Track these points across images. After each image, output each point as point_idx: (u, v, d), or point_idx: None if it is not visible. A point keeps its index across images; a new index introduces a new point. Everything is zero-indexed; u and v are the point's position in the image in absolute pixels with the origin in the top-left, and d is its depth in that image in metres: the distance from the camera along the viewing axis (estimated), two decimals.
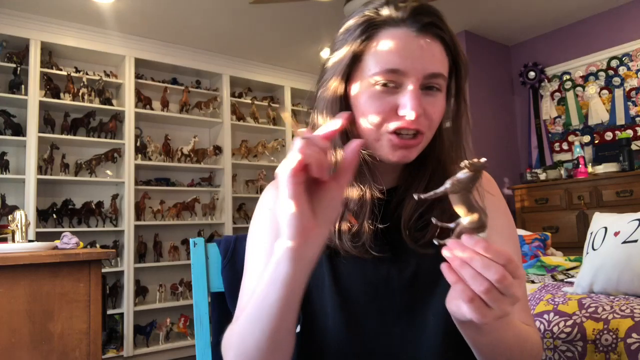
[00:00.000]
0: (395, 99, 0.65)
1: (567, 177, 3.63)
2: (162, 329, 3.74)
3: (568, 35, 4.05)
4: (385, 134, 0.66)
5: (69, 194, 3.66)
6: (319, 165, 0.45)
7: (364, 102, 0.66)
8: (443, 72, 0.66)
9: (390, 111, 0.65)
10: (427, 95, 0.66)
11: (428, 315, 0.67)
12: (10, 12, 3.34)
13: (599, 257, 1.41)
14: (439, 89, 0.67)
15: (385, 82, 0.64)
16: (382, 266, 0.69)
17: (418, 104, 0.63)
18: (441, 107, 0.68)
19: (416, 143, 0.66)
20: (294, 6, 3.26)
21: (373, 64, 0.65)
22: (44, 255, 1.63)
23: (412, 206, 0.69)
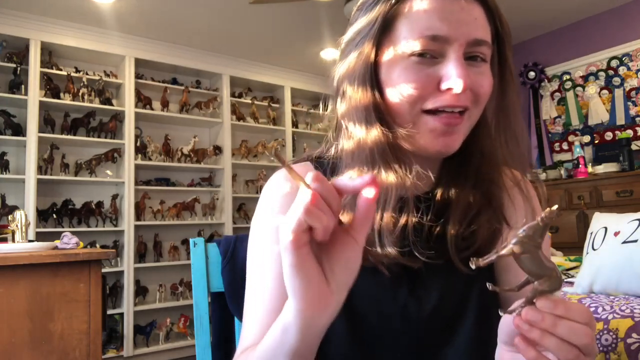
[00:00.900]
0: (436, 70, 0.54)
1: (567, 177, 3.63)
2: (162, 329, 3.74)
3: (568, 35, 4.05)
4: (423, 115, 0.56)
5: (69, 194, 3.66)
6: (326, 230, 0.37)
7: (398, 76, 0.56)
8: (488, 39, 0.57)
9: (429, 85, 0.54)
10: (471, 67, 0.55)
11: (448, 354, 0.59)
12: (10, 12, 3.34)
13: (599, 257, 1.41)
14: (484, 60, 0.57)
15: (423, 51, 0.54)
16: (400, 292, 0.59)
17: (465, 73, 0.53)
18: (489, 79, 0.57)
19: (461, 122, 0.55)
20: (294, 6, 3.26)
21: (407, 29, 0.55)
22: (44, 255, 1.63)
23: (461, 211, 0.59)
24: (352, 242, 0.39)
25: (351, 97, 0.59)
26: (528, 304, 0.40)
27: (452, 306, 0.59)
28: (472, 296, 0.59)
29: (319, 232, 0.37)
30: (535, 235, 0.39)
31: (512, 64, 0.61)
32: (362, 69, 0.58)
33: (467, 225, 0.59)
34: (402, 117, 0.57)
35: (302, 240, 0.37)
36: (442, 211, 0.60)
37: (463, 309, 0.58)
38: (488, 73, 0.57)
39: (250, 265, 0.64)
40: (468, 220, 0.59)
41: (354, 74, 0.59)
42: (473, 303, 0.59)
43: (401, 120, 0.57)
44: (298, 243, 0.37)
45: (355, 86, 0.59)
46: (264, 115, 4.73)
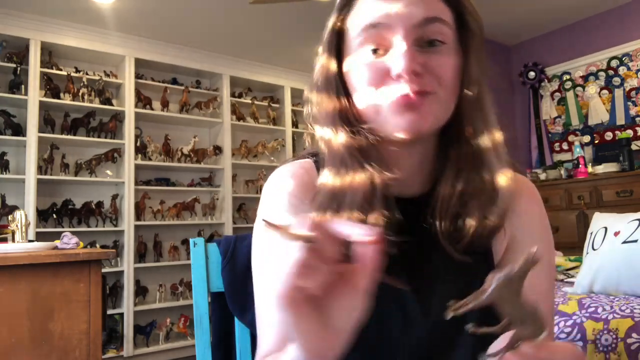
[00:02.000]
0: (386, 62, 0.54)
1: (567, 177, 3.63)
2: (162, 329, 3.74)
3: (568, 35, 4.05)
4: (384, 104, 0.55)
5: (69, 194, 3.66)
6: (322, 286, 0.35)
7: (355, 76, 0.57)
8: (440, 15, 0.54)
9: (383, 78, 0.54)
10: (427, 52, 0.54)
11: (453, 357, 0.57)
12: (10, 12, 3.34)
13: (599, 257, 1.41)
14: (444, 41, 0.54)
15: (372, 47, 0.54)
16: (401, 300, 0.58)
17: (410, 57, 0.52)
18: (450, 61, 0.55)
19: (422, 100, 0.53)
20: (294, 6, 3.26)
21: (354, 29, 0.56)
22: (44, 255, 1.63)
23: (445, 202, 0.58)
24: (354, 292, 0.36)
25: (316, 104, 0.61)
26: (509, 349, 0.38)
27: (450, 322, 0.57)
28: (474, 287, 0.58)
29: (314, 290, 0.35)
30: (515, 280, 0.37)
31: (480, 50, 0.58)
32: (324, 80, 0.60)
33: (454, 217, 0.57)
34: (369, 114, 0.57)
35: (295, 299, 0.34)
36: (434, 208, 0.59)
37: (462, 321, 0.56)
38: (449, 53, 0.55)
39: (258, 267, 0.62)
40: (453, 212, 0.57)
41: (317, 84, 0.61)
42: None
43: (369, 117, 0.57)
44: (291, 303, 0.34)
45: (319, 95, 0.61)
46: (264, 115, 4.73)
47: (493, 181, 0.58)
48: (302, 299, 0.35)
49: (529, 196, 0.64)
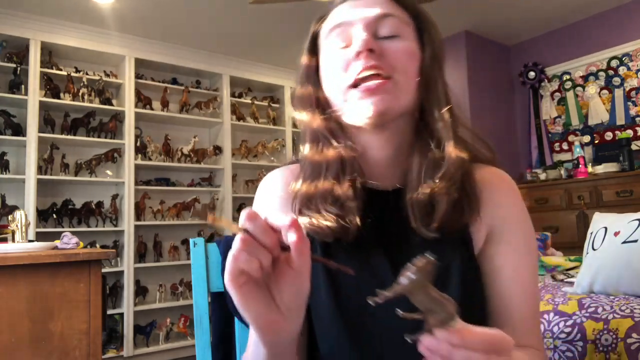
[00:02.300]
0: (349, 51, 0.62)
1: (567, 177, 3.63)
2: (162, 329, 3.74)
3: (568, 35, 4.05)
4: (348, 90, 0.62)
5: (69, 194, 3.66)
6: (262, 269, 0.41)
7: (325, 67, 0.66)
8: (392, 12, 0.63)
9: (347, 65, 0.62)
10: (385, 41, 0.62)
11: None
12: (10, 12, 3.34)
13: (599, 257, 1.41)
14: (399, 34, 0.63)
15: (337, 40, 0.64)
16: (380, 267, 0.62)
17: (366, 40, 0.60)
18: (405, 49, 0.62)
19: (382, 85, 0.59)
20: (294, 6, 3.26)
21: (325, 31, 0.67)
22: (44, 255, 1.63)
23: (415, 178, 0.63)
24: (294, 272, 0.42)
25: (298, 95, 0.70)
26: (428, 332, 0.43)
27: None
28: (453, 269, 0.61)
29: (252, 273, 0.41)
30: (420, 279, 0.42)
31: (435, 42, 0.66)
32: (303, 74, 0.70)
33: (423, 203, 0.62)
34: (336, 100, 0.64)
35: (239, 281, 0.41)
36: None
37: (445, 281, 0.60)
38: (403, 44, 0.63)
39: None
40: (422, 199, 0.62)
41: (300, 79, 0.70)
42: (455, 276, 0.61)
43: (338, 103, 0.64)
44: (236, 284, 0.41)
45: (299, 86, 0.70)
46: (264, 115, 4.73)
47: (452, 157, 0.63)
48: (246, 281, 0.41)
49: (506, 188, 0.69)
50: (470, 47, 4.08)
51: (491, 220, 0.66)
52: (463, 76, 4.04)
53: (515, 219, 0.68)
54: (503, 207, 0.67)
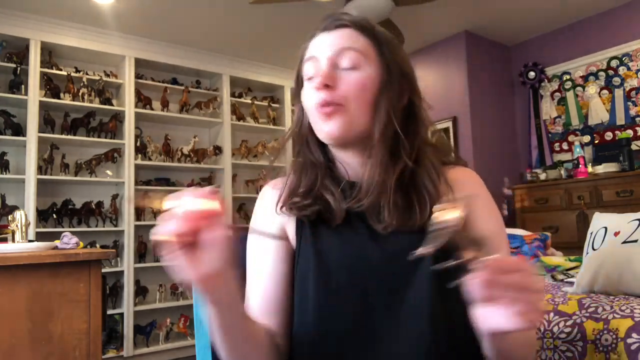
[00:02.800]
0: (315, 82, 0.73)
1: (567, 177, 3.63)
2: (162, 329, 3.74)
3: (568, 35, 4.05)
4: (314, 113, 0.74)
5: (69, 194, 3.66)
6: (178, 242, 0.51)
7: (304, 99, 0.77)
8: (353, 45, 0.73)
9: (313, 92, 0.73)
10: (343, 74, 0.73)
11: (410, 294, 0.69)
12: (10, 12, 3.34)
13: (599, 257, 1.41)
14: (357, 67, 0.73)
15: (308, 74, 0.75)
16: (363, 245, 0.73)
17: (323, 74, 0.72)
18: (358, 81, 0.72)
19: (332, 111, 0.71)
20: (294, 6, 3.26)
21: (302, 63, 0.78)
22: (44, 255, 1.63)
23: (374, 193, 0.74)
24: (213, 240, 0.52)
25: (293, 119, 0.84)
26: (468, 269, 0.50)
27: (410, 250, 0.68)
28: None
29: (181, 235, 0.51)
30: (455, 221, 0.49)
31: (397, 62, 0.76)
32: (293, 93, 0.83)
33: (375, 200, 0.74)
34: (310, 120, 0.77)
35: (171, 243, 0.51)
36: None
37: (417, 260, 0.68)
38: (360, 73, 0.73)
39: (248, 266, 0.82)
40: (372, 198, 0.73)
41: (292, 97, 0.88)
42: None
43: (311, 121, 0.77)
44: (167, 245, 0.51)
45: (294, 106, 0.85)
46: (264, 115, 4.73)
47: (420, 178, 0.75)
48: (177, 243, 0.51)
49: (473, 182, 0.81)
50: (470, 47, 4.08)
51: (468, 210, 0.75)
52: (463, 76, 4.04)
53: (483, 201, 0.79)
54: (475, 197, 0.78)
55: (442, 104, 4.10)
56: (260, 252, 0.81)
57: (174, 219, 0.51)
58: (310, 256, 0.75)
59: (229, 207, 0.55)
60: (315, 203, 0.76)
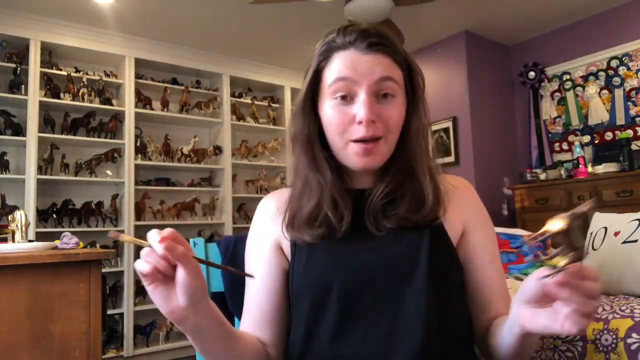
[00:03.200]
0: (351, 108, 0.73)
1: (567, 177, 3.63)
2: (162, 329, 3.74)
3: (568, 35, 4.05)
4: (349, 142, 0.74)
5: (69, 194, 3.66)
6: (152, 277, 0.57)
7: (327, 114, 0.76)
8: (392, 75, 0.74)
9: (349, 121, 0.73)
10: (381, 103, 0.74)
11: (406, 294, 0.70)
12: (10, 12, 3.34)
13: (599, 257, 1.41)
14: (394, 95, 0.74)
15: (341, 93, 0.74)
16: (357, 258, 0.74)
17: (369, 109, 0.71)
18: (397, 111, 0.75)
19: (374, 147, 0.73)
20: (294, 6, 3.26)
21: (329, 76, 0.75)
22: (44, 255, 1.63)
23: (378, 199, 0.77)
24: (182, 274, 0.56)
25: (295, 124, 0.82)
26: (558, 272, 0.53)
27: (406, 255, 0.73)
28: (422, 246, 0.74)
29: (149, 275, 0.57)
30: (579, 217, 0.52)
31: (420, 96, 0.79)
32: (302, 108, 0.80)
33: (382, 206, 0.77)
34: (336, 145, 0.77)
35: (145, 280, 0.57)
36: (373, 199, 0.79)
37: (416, 257, 0.72)
38: (397, 105, 0.75)
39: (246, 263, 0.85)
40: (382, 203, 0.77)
41: (298, 111, 0.81)
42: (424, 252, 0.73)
43: (336, 147, 0.77)
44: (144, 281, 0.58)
45: (297, 118, 0.81)
46: (264, 115, 4.73)
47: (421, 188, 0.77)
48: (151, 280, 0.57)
49: (470, 191, 0.86)
50: (470, 47, 4.08)
51: (465, 217, 0.82)
52: (463, 76, 4.04)
53: (482, 214, 0.85)
54: (471, 206, 0.84)
55: (442, 104, 4.10)
56: (255, 264, 0.82)
57: (146, 257, 0.55)
58: (305, 273, 0.76)
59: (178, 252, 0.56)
60: (320, 226, 0.76)
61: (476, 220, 0.83)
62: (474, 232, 0.81)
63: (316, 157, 0.79)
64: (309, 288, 0.74)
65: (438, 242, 0.76)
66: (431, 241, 0.74)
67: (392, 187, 0.77)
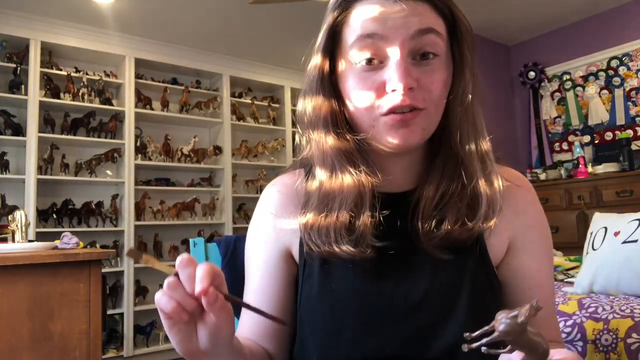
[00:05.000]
0: (381, 75, 0.56)
1: (567, 177, 3.63)
2: (162, 329, 3.74)
3: (568, 35, 4.05)
4: (379, 117, 0.57)
5: (69, 194, 3.66)
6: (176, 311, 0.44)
7: (350, 85, 0.59)
8: (434, 26, 0.56)
9: (378, 90, 0.57)
10: (420, 65, 0.56)
11: (440, 343, 0.57)
12: (10, 12, 3.34)
13: (599, 257, 1.41)
14: (436, 54, 0.57)
15: (367, 55, 0.56)
16: (385, 285, 0.59)
17: (405, 73, 0.54)
18: (441, 75, 0.58)
19: (414, 117, 0.56)
20: (294, 6, 3.26)
21: (350, 35, 0.58)
22: (44, 255, 1.63)
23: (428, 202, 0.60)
24: (213, 320, 0.45)
25: (310, 107, 0.63)
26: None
27: (442, 297, 0.59)
28: (463, 286, 0.59)
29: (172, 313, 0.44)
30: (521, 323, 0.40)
31: (469, 59, 0.61)
32: (317, 81, 0.62)
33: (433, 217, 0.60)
34: (363, 123, 0.59)
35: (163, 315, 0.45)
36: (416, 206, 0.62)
37: (454, 300, 0.58)
38: (440, 67, 0.58)
39: (246, 267, 0.71)
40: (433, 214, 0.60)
41: (310, 85, 0.63)
42: (464, 293, 0.58)
43: (363, 125, 0.60)
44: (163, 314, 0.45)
45: (312, 97, 0.63)
46: (264, 115, 4.73)
47: (475, 188, 0.60)
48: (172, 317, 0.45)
49: (525, 192, 0.67)
50: None
51: (513, 229, 0.64)
52: None
53: (537, 226, 0.66)
54: (524, 214, 0.65)
55: None
56: (256, 271, 0.67)
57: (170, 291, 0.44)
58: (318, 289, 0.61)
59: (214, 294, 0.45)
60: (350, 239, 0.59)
61: (525, 235, 0.64)
62: (521, 251, 0.63)
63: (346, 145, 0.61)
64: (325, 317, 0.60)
65: (482, 270, 0.61)
66: (474, 271, 0.59)
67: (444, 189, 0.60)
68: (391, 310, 0.59)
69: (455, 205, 0.59)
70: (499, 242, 0.63)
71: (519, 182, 0.66)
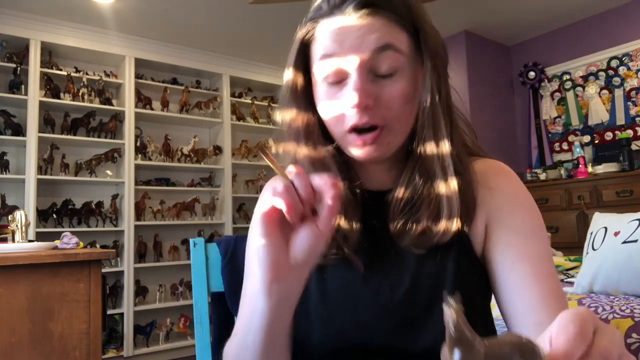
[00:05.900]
0: (344, 92, 0.58)
1: (567, 177, 3.63)
2: (162, 329, 3.74)
3: (568, 35, 4.05)
4: (345, 133, 0.60)
5: (69, 194, 3.66)
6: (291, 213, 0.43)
7: (319, 97, 0.62)
8: (392, 42, 0.56)
9: (343, 105, 0.58)
10: (380, 81, 0.58)
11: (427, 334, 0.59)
12: (10, 12, 3.34)
13: (599, 257, 1.41)
14: (396, 70, 0.57)
15: (329, 74, 0.58)
16: (372, 279, 0.62)
17: (361, 93, 0.56)
18: (401, 90, 0.58)
19: (374, 137, 0.58)
20: (294, 6, 3.25)
21: (316, 51, 0.61)
22: (44, 255, 1.63)
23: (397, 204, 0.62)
24: (317, 231, 0.44)
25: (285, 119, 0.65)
26: None
27: (427, 289, 0.61)
28: (446, 277, 0.61)
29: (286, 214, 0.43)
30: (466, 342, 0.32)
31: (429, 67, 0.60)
32: (290, 94, 0.64)
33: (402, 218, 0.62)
34: (334, 134, 0.62)
35: (270, 216, 0.44)
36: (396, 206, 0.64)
37: (438, 291, 0.59)
38: (401, 81, 0.58)
39: (246, 266, 0.72)
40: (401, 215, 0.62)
41: (283, 98, 0.65)
42: (448, 284, 0.60)
43: (335, 136, 0.62)
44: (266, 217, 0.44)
45: (286, 110, 0.65)
46: (264, 115, 4.73)
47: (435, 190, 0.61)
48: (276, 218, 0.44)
49: (502, 178, 0.66)
50: (470, 47, 4.08)
51: (487, 207, 0.64)
52: (463, 76, 4.04)
53: (516, 201, 0.65)
54: (499, 191, 0.64)
55: None
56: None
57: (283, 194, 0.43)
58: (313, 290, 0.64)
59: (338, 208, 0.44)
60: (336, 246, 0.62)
61: (502, 211, 0.63)
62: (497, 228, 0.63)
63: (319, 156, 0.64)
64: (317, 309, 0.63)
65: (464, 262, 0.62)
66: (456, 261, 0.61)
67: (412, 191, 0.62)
68: (379, 302, 0.61)
69: (422, 207, 0.61)
70: (478, 225, 0.63)
71: (497, 169, 0.67)
